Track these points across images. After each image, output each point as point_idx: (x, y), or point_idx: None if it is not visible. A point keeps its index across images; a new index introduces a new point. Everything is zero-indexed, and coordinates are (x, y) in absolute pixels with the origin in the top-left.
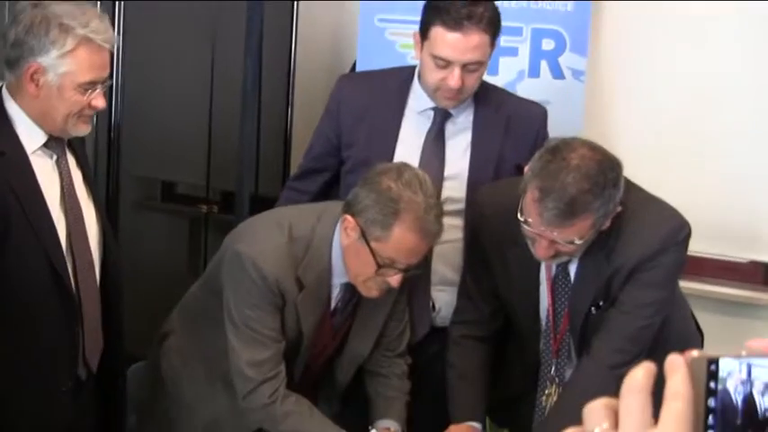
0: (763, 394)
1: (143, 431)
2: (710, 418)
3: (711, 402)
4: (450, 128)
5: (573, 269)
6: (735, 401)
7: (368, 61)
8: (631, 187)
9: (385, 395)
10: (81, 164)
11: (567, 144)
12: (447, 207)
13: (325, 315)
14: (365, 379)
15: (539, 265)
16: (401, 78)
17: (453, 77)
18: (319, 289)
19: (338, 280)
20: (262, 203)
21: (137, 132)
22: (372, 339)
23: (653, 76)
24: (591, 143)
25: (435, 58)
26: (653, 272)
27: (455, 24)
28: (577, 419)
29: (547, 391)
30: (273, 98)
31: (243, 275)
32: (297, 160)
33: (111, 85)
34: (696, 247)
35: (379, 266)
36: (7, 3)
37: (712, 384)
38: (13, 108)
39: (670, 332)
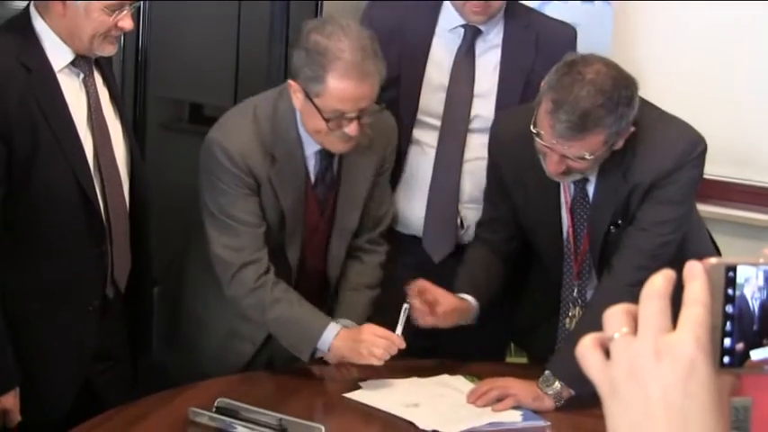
0: None
1: (165, 353)
2: (728, 324)
3: (729, 309)
4: (480, 45)
5: (591, 190)
6: (752, 308)
7: None
8: (646, 105)
9: (353, 288)
10: (108, 83)
11: (583, 59)
12: (476, 125)
13: (307, 188)
14: (343, 265)
15: (558, 188)
16: None
17: None
18: (293, 161)
19: (310, 149)
20: None
21: (164, 54)
22: (359, 210)
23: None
24: (607, 60)
25: None
26: (670, 188)
27: None
28: None
29: (570, 313)
30: (302, 18)
31: (212, 161)
32: None
33: (139, 7)
34: (723, 171)
35: (328, 120)
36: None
37: (730, 291)
38: (40, 25)
39: (687, 252)
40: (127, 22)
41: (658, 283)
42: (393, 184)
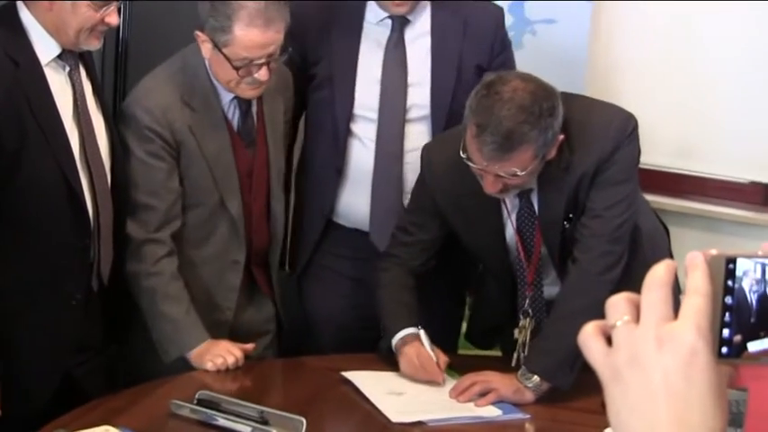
0: None
1: (144, 341)
2: (727, 315)
3: (728, 300)
4: (409, 34)
5: (536, 199)
6: (750, 300)
7: None
8: (572, 99)
9: None
10: (91, 76)
11: (500, 78)
12: (412, 114)
13: (231, 135)
14: None
15: (498, 207)
16: None
17: None
18: (210, 110)
19: (226, 98)
20: None
21: (145, 46)
22: (282, 152)
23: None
24: (524, 75)
25: None
26: (613, 169)
27: None
28: (576, 330)
29: (521, 324)
30: None
31: (133, 124)
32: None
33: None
34: (698, 167)
35: (237, 68)
36: None
37: (729, 282)
38: (27, 18)
39: (638, 230)
40: (113, 18)
41: (660, 272)
42: (336, 180)
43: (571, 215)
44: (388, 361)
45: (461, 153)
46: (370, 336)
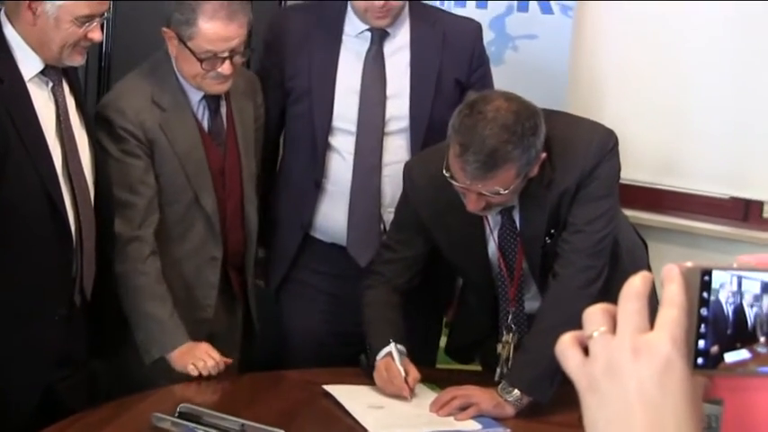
0: (752, 306)
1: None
2: (702, 326)
3: (704, 311)
4: (388, 47)
5: (517, 216)
6: (726, 312)
7: None
8: (553, 115)
9: None
10: (74, 91)
11: (483, 97)
12: (391, 127)
13: (202, 134)
14: None
15: (482, 222)
16: (336, 6)
17: None
18: (179, 108)
19: (195, 97)
20: None
21: (127, 61)
22: (252, 153)
23: (641, 14)
24: (507, 94)
25: None
26: (594, 185)
27: None
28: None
29: (504, 339)
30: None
31: (106, 126)
32: None
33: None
34: (678, 183)
35: (201, 60)
36: None
37: (705, 294)
38: (10, 33)
39: (617, 244)
40: (96, 34)
41: (636, 284)
42: (315, 193)
43: (553, 231)
44: (369, 375)
45: (444, 172)
46: (347, 351)
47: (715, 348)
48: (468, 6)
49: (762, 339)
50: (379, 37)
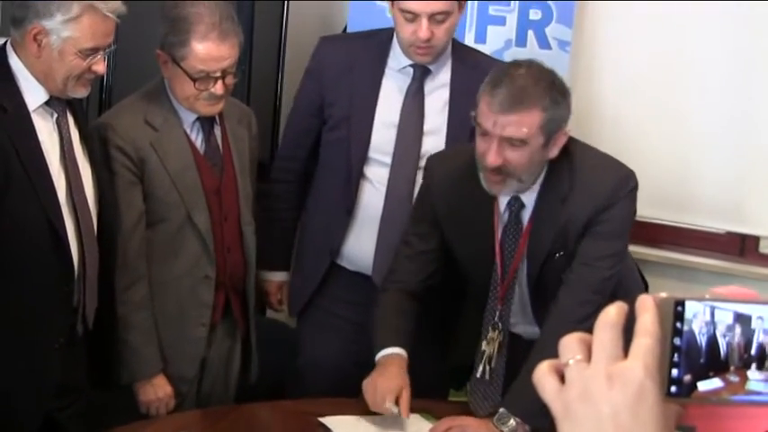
0: (724, 336)
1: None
2: (676, 355)
3: (677, 341)
4: (429, 84)
5: (526, 216)
6: (699, 342)
7: (358, 26)
8: (581, 145)
9: None
10: (79, 122)
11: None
12: (425, 161)
13: (195, 155)
14: None
15: (492, 220)
16: (380, 39)
17: (422, 29)
18: (172, 128)
19: (188, 119)
20: None
21: (128, 93)
22: (247, 177)
23: (637, 49)
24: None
25: (403, 12)
26: (608, 224)
27: None
28: None
29: (489, 335)
30: (262, 90)
31: (101, 145)
32: None
33: None
34: (675, 217)
35: (195, 80)
36: None
37: (678, 324)
38: (16, 64)
39: (619, 287)
40: (100, 67)
41: (611, 314)
42: (346, 220)
43: (557, 254)
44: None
45: (471, 114)
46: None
47: (688, 377)
48: (467, 41)
49: (733, 368)
50: (421, 73)
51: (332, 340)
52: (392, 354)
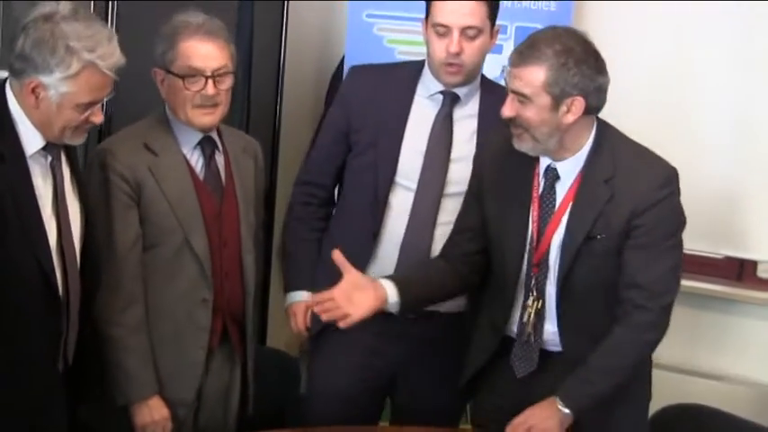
0: None
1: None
2: None
3: None
4: (458, 112)
5: (560, 190)
6: None
7: (356, 56)
8: (617, 131)
9: None
10: (72, 164)
11: None
12: (452, 189)
13: (195, 179)
14: None
15: (530, 195)
16: (411, 68)
17: (453, 42)
18: (170, 153)
19: (185, 141)
20: None
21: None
22: (252, 205)
23: (632, 77)
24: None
25: (436, 26)
26: (655, 230)
27: None
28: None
29: (528, 303)
30: (263, 91)
31: (98, 170)
32: (285, 152)
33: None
34: None
35: (183, 78)
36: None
37: None
38: (15, 109)
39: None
40: (98, 117)
41: None
42: (371, 245)
43: (598, 236)
44: None
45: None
46: (372, 407)
47: None
48: None
49: None
50: (451, 101)
51: (344, 368)
52: (382, 280)
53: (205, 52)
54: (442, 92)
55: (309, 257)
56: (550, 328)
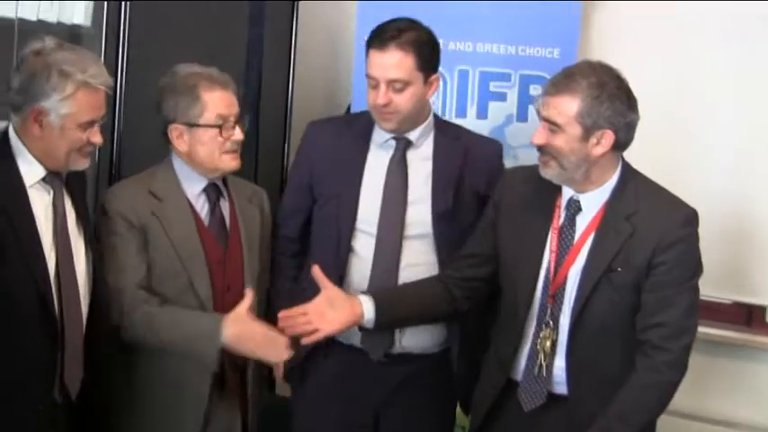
0: None
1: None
2: None
3: None
4: (411, 155)
5: (581, 222)
6: None
7: (363, 103)
8: (640, 173)
9: None
10: (76, 201)
11: None
12: (411, 231)
13: (199, 225)
14: None
15: (548, 224)
16: (365, 118)
17: (379, 95)
18: (175, 198)
19: (192, 190)
20: None
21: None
22: (256, 253)
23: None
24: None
25: (368, 78)
26: (676, 269)
27: (380, 44)
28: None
29: (542, 335)
30: (271, 134)
31: (100, 216)
32: None
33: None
34: None
35: (220, 128)
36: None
37: None
38: (17, 145)
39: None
40: (97, 137)
41: None
42: None
43: (618, 268)
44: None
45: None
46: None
47: None
48: (469, 117)
49: None
50: (404, 145)
51: (326, 414)
52: (361, 296)
53: (229, 99)
54: (394, 137)
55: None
56: (559, 364)
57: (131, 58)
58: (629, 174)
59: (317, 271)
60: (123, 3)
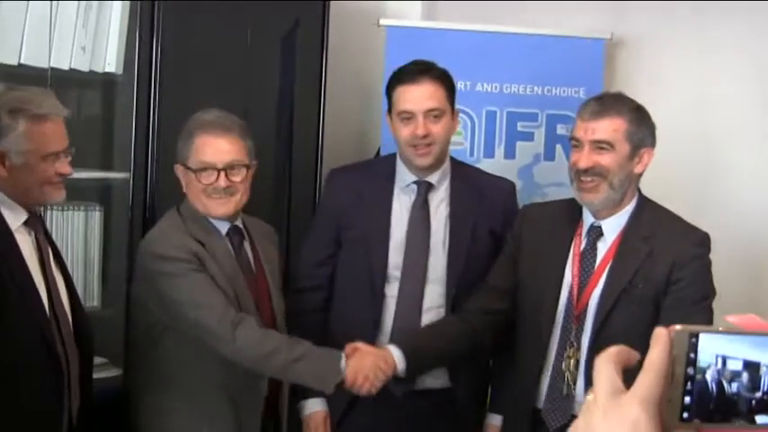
0: (731, 382)
1: None
2: (689, 384)
3: (690, 371)
4: (433, 198)
5: (602, 247)
6: (710, 388)
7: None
8: (654, 202)
9: None
10: (49, 239)
11: None
12: (432, 275)
13: (242, 265)
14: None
15: (567, 255)
16: (386, 163)
17: (419, 126)
18: (214, 239)
19: (221, 231)
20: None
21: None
22: (278, 287)
23: (660, 162)
24: None
25: (400, 114)
26: (698, 264)
27: (410, 79)
28: None
29: (566, 354)
30: (302, 178)
31: (156, 262)
32: None
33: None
34: None
35: (195, 172)
36: None
37: (692, 355)
38: None
39: None
40: (65, 168)
41: (611, 352)
42: (373, 333)
43: (639, 285)
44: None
45: (570, 140)
46: None
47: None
48: (497, 157)
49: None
50: (425, 188)
51: None
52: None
53: (218, 146)
54: (415, 182)
55: None
56: (581, 384)
57: (162, 105)
58: (644, 200)
59: (352, 346)
60: (153, 50)
